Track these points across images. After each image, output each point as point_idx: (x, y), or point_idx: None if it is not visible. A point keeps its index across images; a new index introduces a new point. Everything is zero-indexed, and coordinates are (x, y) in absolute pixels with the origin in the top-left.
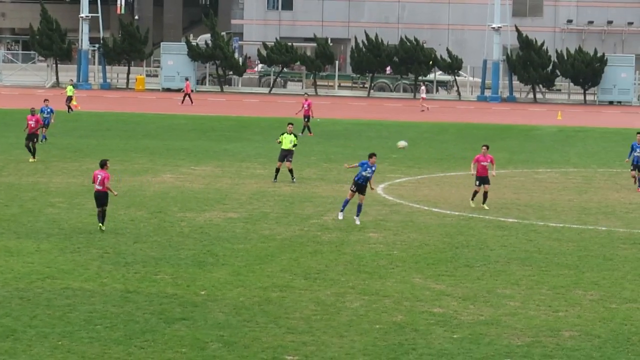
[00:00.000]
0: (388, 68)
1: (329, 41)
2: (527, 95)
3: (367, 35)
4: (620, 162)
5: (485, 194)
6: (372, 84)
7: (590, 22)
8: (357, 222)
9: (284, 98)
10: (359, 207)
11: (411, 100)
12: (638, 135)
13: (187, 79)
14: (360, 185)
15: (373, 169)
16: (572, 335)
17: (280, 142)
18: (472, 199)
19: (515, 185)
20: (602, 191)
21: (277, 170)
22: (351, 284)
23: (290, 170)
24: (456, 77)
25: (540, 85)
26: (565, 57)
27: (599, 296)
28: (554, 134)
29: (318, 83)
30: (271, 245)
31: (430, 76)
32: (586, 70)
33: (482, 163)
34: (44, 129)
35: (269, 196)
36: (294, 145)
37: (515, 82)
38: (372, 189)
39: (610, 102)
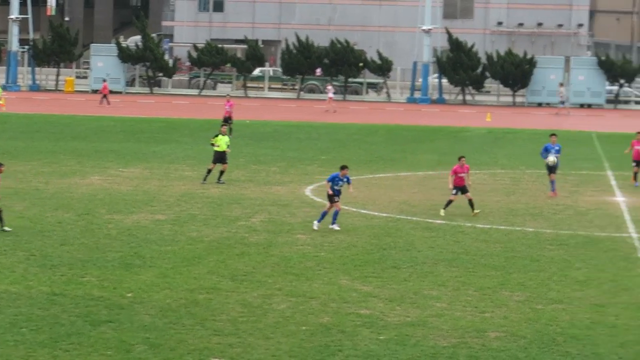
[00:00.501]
0: (318, 70)
1: (260, 43)
2: (457, 97)
3: (297, 37)
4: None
5: (470, 202)
6: (302, 86)
7: (520, 24)
8: (337, 228)
9: (213, 100)
10: (336, 214)
11: (341, 102)
12: (551, 137)
13: (104, 80)
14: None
15: (345, 180)
16: (498, 336)
17: (214, 145)
18: (445, 208)
19: (443, 187)
20: (530, 192)
21: (209, 171)
22: (278, 286)
23: (222, 172)
24: (386, 78)
25: (470, 87)
26: (495, 59)
27: (525, 297)
28: (483, 136)
29: (248, 85)
30: (199, 247)
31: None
32: (515, 72)
33: (460, 175)
34: None
35: (197, 198)
36: (228, 147)
37: (445, 84)
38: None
39: (539, 104)
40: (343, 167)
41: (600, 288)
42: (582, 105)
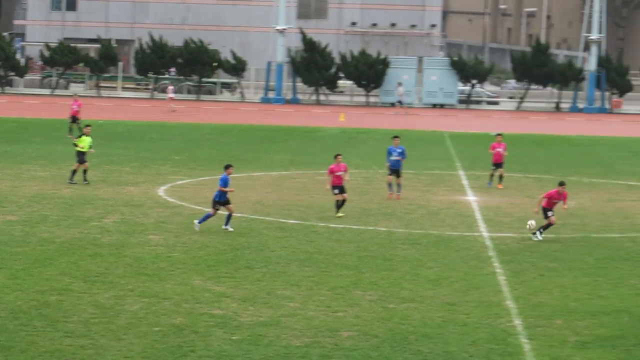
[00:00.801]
0: (172, 69)
1: (113, 42)
2: (311, 97)
3: (151, 37)
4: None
5: (343, 202)
6: (156, 86)
7: (374, 25)
8: (231, 230)
9: (66, 99)
10: (229, 216)
11: (195, 102)
12: (394, 139)
13: None
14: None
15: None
16: (350, 335)
17: (76, 145)
18: (338, 211)
19: (297, 187)
20: (383, 192)
21: (74, 171)
22: (131, 287)
23: (85, 171)
24: (240, 78)
25: (324, 87)
26: (349, 59)
27: (377, 296)
28: (337, 136)
29: (101, 84)
30: (50, 249)
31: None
32: (369, 72)
33: (337, 173)
34: None
35: (49, 199)
36: (90, 147)
37: (299, 84)
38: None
39: (392, 104)
40: (228, 167)
41: (451, 287)
42: (434, 105)
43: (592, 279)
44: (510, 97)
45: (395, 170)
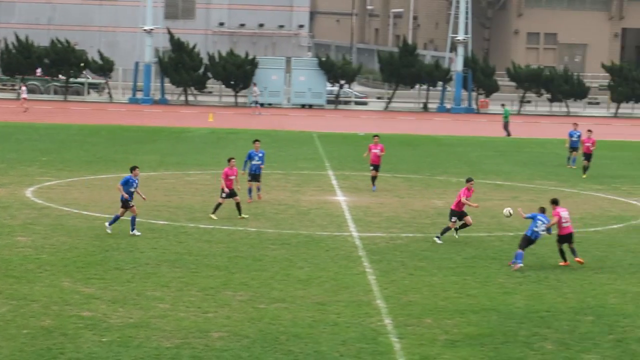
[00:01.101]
0: (39, 70)
1: None
2: (179, 98)
3: (17, 37)
4: (270, 164)
5: (238, 205)
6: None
7: (242, 25)
8: (138, 233)
9: None
10: (133, 219)
11: (62, 103)
12: (255, 143)
13: None
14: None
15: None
16: (221, 336)
17: None
18: (240, 214)
19: (166, 187)
20: (253, 193)
21: None
22: None
23: None
24: (108, 79)
25: (192, 88)
26: (217, 60)
27: (248, 297)
28: (206, 136)
29: None
30: None
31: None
32: (237, 73)
33: (230, 177)
34: None
35: None
36: None
37: (168, 85)
38: (143, 198)
39: (261, 104)
40: (133, 168)
41: (322, 287)
42: (303, 106)
43: (461, 277)
44: (379, 98)
45: (256, 176)
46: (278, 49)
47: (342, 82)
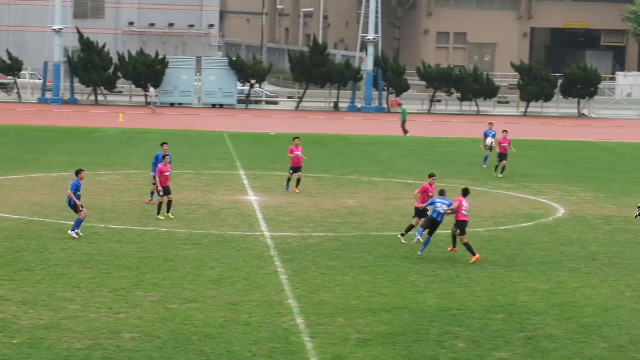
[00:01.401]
0: None
1: None
2: (89, 98)
3: None
4: (181, 164)
5: (170, 203)
6: None
7: (152, 25)
8: (78, 235)
9: None
10: (80, 221)
11: None
12: (162, 145)
13: None
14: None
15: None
16: (133, 337)
17: None
18: (168, 212)
19: None
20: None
21: None
22: None
23: None
24: (17, 78)
25: (102, 88)
26: (127, 60)
27: (160, 297)
28: (116, 136)
29: None
30: None
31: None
32: (148, 73)
33: (165, 174)
34: None
35: None
36: None
37: (77, 84)
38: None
39: (172, 104)
40: (79, 172)
41: (234, 287)
42: (214, 106)
43: (373, 277)
44: (290, 97)
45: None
46: (188, 49)
47: (253, 81)
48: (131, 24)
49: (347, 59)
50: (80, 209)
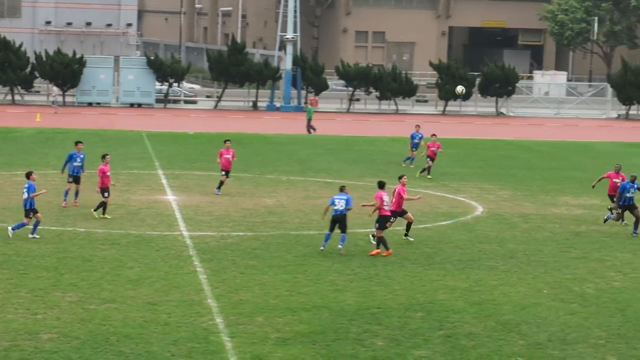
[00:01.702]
0: None
1: None
2: (6, 97)
3: None
4: (99, 163)
5: (104, 204)
6: None
7: (69, 24)
8: (37, 236)
9: None
10: (21, 224)
11: None
12: (77, 144)
13: None
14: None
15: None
16: (50, 338)
17: None
18: (99, 210)
19: None
20: (82, 193)
21: None
22: None
23: None
24: None
25: (19, 87)
26: (44, 59)
27: (78, 297)
28: (33, 136)
29: None
30: None
31: None
32: (65, 72)
33: (107, 173)
34: None
35: None
36: None
37: None
38: None
39: (90, 104)
40: (29, 174)
41: (152, 286)
42: (132, 105)
43: (292, 275)
44: (208, 96)
45: (76, 178)
46: (106, 48)
47: (172, 80)
48: (48, 22)
49: (265, 58)
50: (33, 214)
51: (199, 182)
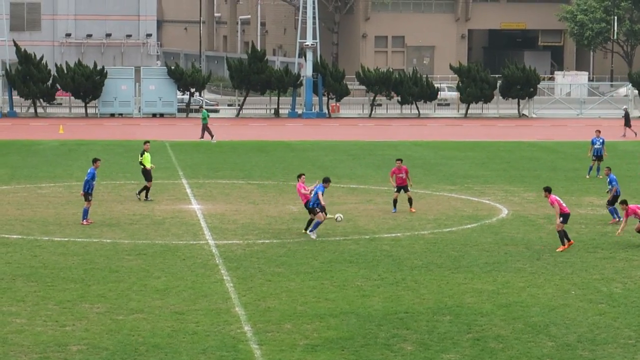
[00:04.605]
0: None
1: None
2: (28, 110)
3: None
4: (123, 174)
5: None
6: None
7: (89, 36)
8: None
9: None
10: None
11: None
12: (95, 162)
13: None
14: None
15: None
16: (80, 349)
17: None
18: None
19: (18, 201)
20: (107, 203)
21: None
22: None
23: None
24: None
25: (42, 100)
26: (65, 71)
27: (106, 308)
28: (56, 148)
29: None
30: None
31: None
32: (86, 84)
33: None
34: None
35: None
36: None
37: (16, 97)
38: None
39: (112, 115)
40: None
41: (180, 296)
42: (154, 115)
43: (319, 282)
44: (230, 105)
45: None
46: (126, 59)
47: (193, 90)
48: (68, 35)
49: (285, 65)
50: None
51: (223, 190)
